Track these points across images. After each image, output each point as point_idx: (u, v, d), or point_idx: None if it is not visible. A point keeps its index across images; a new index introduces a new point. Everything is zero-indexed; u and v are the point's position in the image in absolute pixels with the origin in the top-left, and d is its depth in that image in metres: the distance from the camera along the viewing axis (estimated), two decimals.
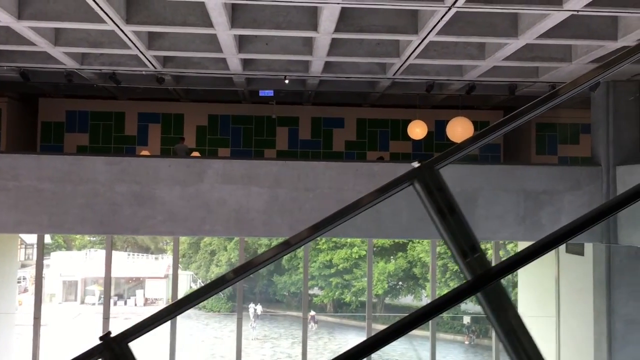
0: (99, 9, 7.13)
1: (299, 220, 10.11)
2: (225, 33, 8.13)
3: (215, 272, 33.19)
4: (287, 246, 1.24)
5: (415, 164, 1.29)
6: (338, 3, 6.77)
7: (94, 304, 34.55)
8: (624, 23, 7.97)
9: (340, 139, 14.59)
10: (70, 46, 9.20)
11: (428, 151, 14.27)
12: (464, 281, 1.21)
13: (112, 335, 1.16)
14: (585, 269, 11.35)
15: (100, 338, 1.14)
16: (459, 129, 12.05)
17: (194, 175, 10.13)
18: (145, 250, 37.25)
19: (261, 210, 10.25)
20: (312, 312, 27.12)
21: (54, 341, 22.69)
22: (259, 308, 30.53)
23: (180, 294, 15.74)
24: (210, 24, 7.74)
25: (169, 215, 10.13)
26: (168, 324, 12.73)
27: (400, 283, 31.18)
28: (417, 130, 12.43)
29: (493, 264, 1.22)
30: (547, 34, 7.98)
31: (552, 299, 13.11)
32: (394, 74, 10.64)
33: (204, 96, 13.73)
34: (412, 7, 7.11)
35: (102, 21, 7.65)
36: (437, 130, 14.17)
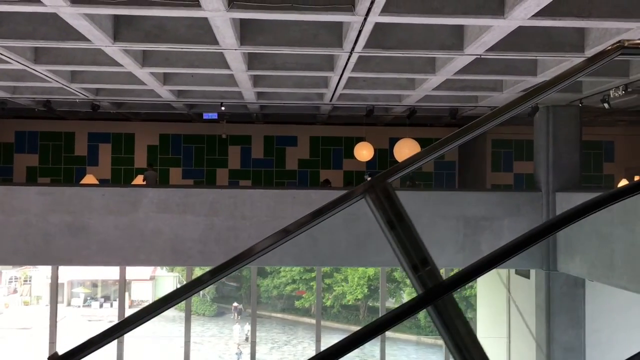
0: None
1: (236, 249, 9.93)
2: (139, 71, 8.01)
3: (199, 273, 33.14)
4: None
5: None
6: (236, 49, 6.65)
7: (79, 307, 34.65)
8: (542, 61, 7.83)
9: (293, 157, 14.41)
10: None
11: (382, 169, 14.13)
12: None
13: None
14: (530, 293, 11.25)
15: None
16: (406, 150, 12.02)
17: (128, 204, 10.03)
18: None
19: (197, 239, 10.16)
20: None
21: (36, 345, 22.56)
22: (247, 329, 26.26)
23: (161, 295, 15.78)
24: (119, 64, 7.62)
25: (103, 245, 10.05)
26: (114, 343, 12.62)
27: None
28: (364, 152, 12.31)
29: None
30: (464, 70, 7.83)
31: (504, 320, 13.01)
32: (331, 101, 10.51)
33: (154, 116, 13.58)
34: (312, 52, 6.97)
35: (8, 62, 7.55)
36: (391, 148, 14.01)
